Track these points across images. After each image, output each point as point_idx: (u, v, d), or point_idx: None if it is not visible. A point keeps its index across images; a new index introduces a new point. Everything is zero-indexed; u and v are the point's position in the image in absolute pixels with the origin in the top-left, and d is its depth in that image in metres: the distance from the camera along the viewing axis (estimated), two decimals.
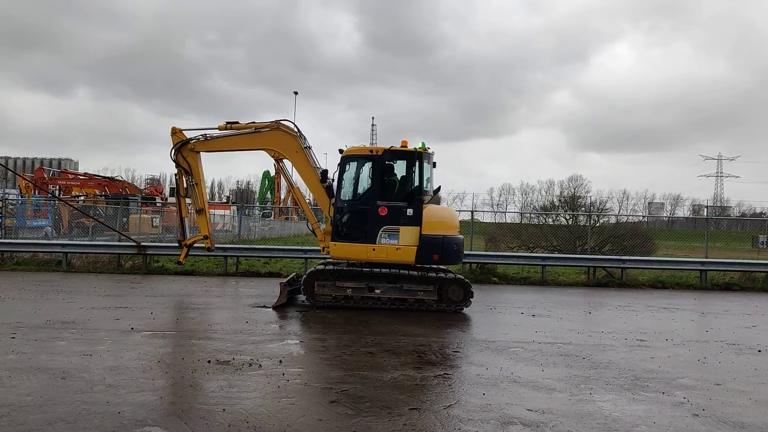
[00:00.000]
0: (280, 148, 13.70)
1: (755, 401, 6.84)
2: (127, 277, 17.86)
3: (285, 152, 13.70)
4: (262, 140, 13.88)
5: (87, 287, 15.24)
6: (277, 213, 60.73)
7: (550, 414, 6.10)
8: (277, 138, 13.69)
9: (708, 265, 20.12)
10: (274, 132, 13.72)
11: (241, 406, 6.00)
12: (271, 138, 13.74)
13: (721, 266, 20.47)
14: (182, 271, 19.36)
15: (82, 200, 32.54)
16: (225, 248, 20.52)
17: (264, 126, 13.84)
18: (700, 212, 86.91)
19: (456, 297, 12.81)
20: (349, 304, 12.75)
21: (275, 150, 13.74)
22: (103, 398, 6.15)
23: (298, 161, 13.65)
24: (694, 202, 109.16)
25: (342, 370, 7.72)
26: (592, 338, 10.49)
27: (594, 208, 28.48)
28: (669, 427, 5.86)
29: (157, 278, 18.00)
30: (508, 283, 19.42)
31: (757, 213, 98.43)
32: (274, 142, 13.74)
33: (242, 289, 16.09)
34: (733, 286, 19.67)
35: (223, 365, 7.66)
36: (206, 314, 11.74)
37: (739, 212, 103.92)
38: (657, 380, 7.65)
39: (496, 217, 69.75)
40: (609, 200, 28.06)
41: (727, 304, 16.06)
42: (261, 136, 13.84)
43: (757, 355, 9.45)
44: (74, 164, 50.91)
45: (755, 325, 12.49)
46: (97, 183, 37.13)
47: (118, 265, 19.92)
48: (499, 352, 9.06)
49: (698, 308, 15.08)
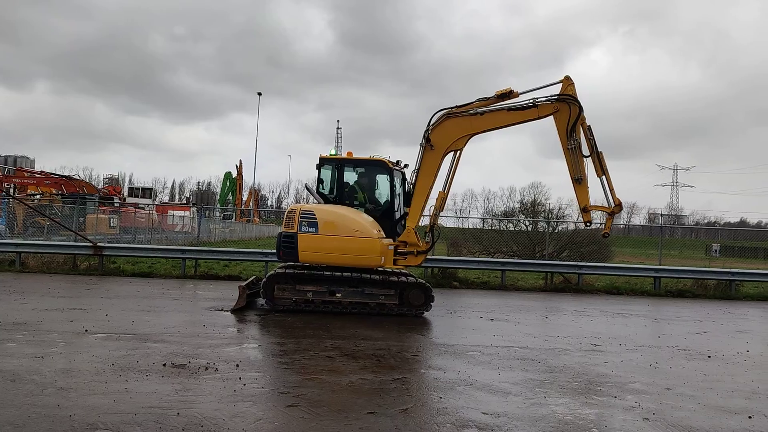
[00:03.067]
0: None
1: (704, 405, 7.02)
2: (82, 278, 17.51)
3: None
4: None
5: (41, 288, 14.90)
6: (239, 215, 60.26)
7: (504, 417, 6.18)
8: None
9: (662, 273, 20.60)
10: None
11: (196, 410, 5.94)
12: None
13: (675, 273, 20.97)
14: (139, 272, 19.08)
15: (37, 199, 31.77)
16: (183, 250, 20.29)
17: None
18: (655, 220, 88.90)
19: (417, 301, 12.87)
20: (309, 308, 12.70)
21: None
22: (54, 401, 6.02)
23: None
24: (650, 210, 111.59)
25: (300, 374, 7.70)
26: (548, 342, 10.65)
27: (553, 215, 28.86)
28: (620, 430, 5.99)
29: (114, 280, 17.69)
30: (468, 287, 19.59)
31: (711, 222, 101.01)
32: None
33: (200, 292, 15.91)
34: (685, 293, 20.18)
35: (179, 369, 7.57)
36: (163, 317, 11.57)
37: (693, 221, 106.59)
38: (610, 384, 7.81)
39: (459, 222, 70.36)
40: (568, 207, 28.46)
41: (679, 310, 16.45)
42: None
43: (706, 361, 9.70)
44: (30, 162, 49.73)
45: (706, 332, 12.81)
46: (53, 181, 36.28)
47: (74, 265, 19.52)
48: (457, 356, 9.14)
49: (651, 314, 15.42)
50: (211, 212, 49.62)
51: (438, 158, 12.83)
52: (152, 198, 63.65)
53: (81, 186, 37.78)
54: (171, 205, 69.59)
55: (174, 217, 39.74)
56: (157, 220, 35.44)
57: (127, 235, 28.79)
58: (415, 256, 13.17)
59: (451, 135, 12.69)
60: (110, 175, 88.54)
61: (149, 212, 35.09)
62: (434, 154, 12.78)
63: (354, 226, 12.59)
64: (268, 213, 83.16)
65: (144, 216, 34.75)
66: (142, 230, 31.02)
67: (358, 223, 12.61)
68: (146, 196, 60.66)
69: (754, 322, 15.29)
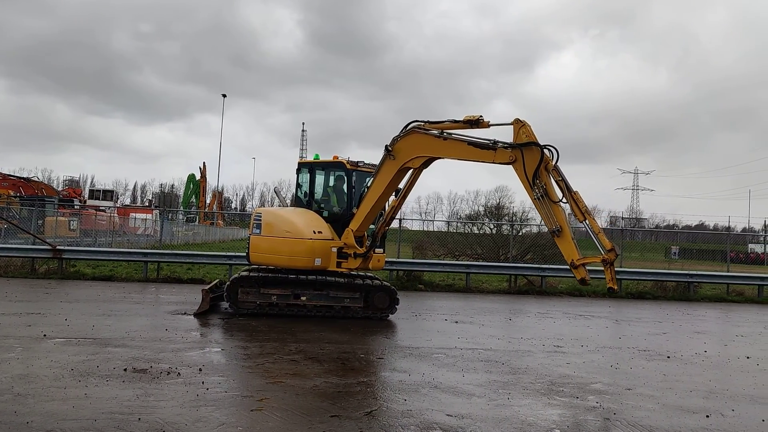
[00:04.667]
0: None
1: (663, 405, 7.16)
2: (41, 282, 17.14)
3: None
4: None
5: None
6: (202, 218, 59.63)
7: (468, 419, 6.22)
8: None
9: (623, 275, 20.89)
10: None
11: (158, 415, 5.86)
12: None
13: (635, 276, 21.38)
14: (100, 276, 18.75)
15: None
16: (145, 253, 19.99)
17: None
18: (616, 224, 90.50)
19: (382, 304, 12.88)
20: (274, 311, 12.62)
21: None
22: (11, 408, 5.88)
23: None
24: (611, 213, 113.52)
25: (264, 378, 7.65)
26: (512, 344, 10.75)
27: (517, 218, 29.19)
28: (581, 431, 6.07)
29: (74, 283, 17.35)
30: (433, 290, 19.68)
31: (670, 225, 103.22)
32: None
33: (163, 295, 15.70)
34: (646, 294, 20.57)
35: (140, 373, 7.46)
36: (124, 321, 11.39)
37: (653, 224, 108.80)
38: (572, 385, 7.91)
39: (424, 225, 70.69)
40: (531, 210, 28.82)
41: (640, 312, 16.76)
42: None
43: (666, 361, 9.90)
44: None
45: (665, 332, 13.08)
46: (11, 183, 35.47)
47: (32, 269, 19.09)
48: (421, 359, 9.17)
49: (613, 316, 15.68)
50: (174, 215, 49.00)
51: (394, 169, 12.06)
52: (114, 200, 62.66)
53: (40, 188, 37.07)
54: (133, 207, 68.51)
55: (136, 220, 39.15)
56: (118, 222, 34.86)
57: (88, 238, 28.27)
58: (353, 258, 12.86)
59: (411, 150, 11.90)
60: (70, 177, 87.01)
61: (110, 215, 34.48)
62: (393, 164, 12.06)
63: (285, 226, 12.68)
64: (232, 216, 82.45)
65: (105, 219, 34.16)
66: (103, 233, 30.49)
67: (291, 224, 12.68)
68: (107, 198, 59.70)
69: (711, 322, 15.66)
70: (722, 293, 21.52)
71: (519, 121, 10.81)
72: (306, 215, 13.00)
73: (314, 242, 12.42)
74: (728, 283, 22.03)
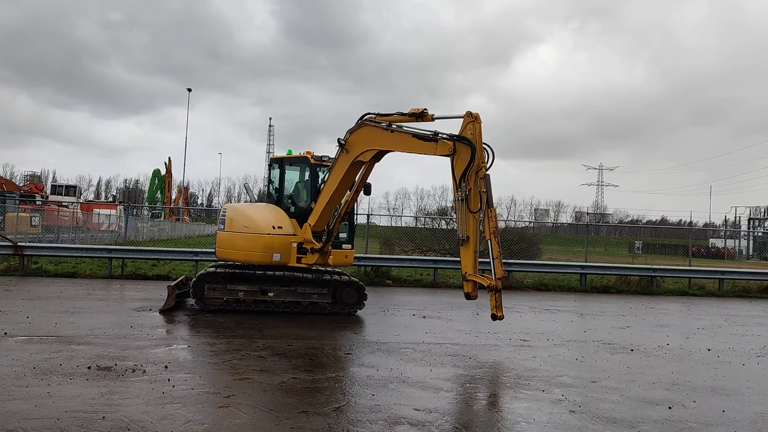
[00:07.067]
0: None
1: (627, 397, 7.29)
2: (2, 279, 16.76)
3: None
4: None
5: None
6: (168, 213, 58.87)
7: (436, 413, 6.26)
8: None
9: (588, 269, 21.28)
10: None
11: (123, 414, 5.78)
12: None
13: (600, 270, 21.68)
14: (63, 273, 18.41)
15: None
16: (110, 249, 19.66)
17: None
18: (581, 219, 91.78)
19: (350, 300, 12.89)
20: (241, 307, 12.53)
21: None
22: None
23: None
24: (576, 209, 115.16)
25: (231, 374, 7.59)
26: (479, 339, 10.84)
27: None
28: (547, 423, 6.15)
29: (36, 280, 17.01)
30: (401, 285, 19.74)
31: (634, 220, 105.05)
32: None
33: (128, 292, 15.48)
34: (610, 289, 20.90)
35: (104, 371, 7.34)
36: (88, 318, 11.20)
37: (617, 219, 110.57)
38: (537, 379, 8.01)
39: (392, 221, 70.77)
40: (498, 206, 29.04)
41: (604, 305, 17.03)
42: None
43: (629, 354, 10.07)
44: None
45: (629, 326, 13.30)
46: None
47: None
48: (389, 354, 9.19)
49: (578, 310, 15.92)
50: (139, 211, 48.30)
51: (347, 163, 11.87)
52: (77, 196, 61.55)
53: (0, 183, 36.21)
54: (97, 203, 67.40)
55: (100, 216, 38.51)
56: (81, 218, 34.23)
57: (50, 235, 27.71)
58: (311, 254, 12.71)
59: (362, 143, 11.69)
60: (31, 172, 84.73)
61: (73, 211, 33.81)
62: (346, 158, 11.88)
63: (244, 221, 12.74)
64: (198, 212, 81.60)
65: (68, 215, 33.52)
66: (66, 229, 29.89)
67: (249, 219, 12.72)
68: (70, 194, 58.63)
69: (673, 316, 15.98)
70: (684, 287, 21.97)
71: (471, 114, 10.28)
72: (267, 210, 12.96)
73: (272, 237, 12.42)
74: (690, 277, 22.54)
